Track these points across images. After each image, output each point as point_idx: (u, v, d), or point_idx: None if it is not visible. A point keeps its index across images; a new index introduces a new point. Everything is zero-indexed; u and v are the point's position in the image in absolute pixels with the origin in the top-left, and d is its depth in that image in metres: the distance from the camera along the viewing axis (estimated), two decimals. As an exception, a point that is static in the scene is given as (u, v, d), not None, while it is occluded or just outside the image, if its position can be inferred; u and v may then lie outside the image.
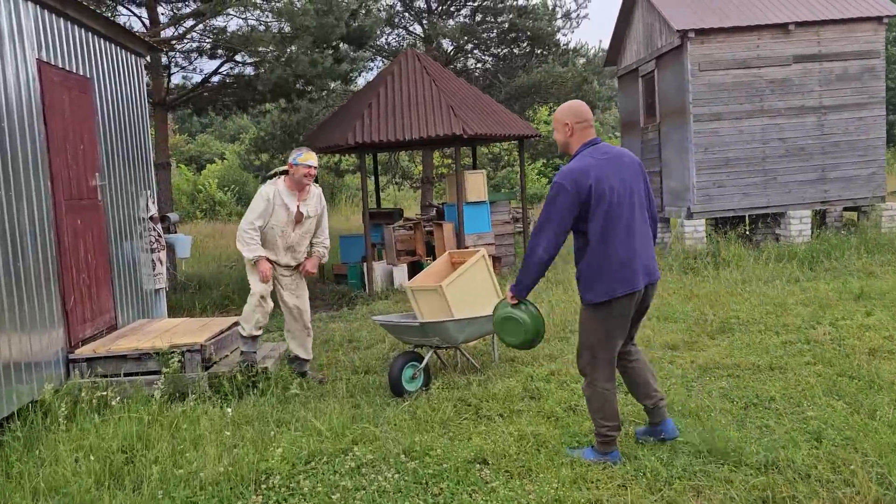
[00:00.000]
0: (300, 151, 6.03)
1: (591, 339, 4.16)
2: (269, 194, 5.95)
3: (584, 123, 4.14)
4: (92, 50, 6.76)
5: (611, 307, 4.07)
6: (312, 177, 6.06)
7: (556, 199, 3.95)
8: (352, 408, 5.46)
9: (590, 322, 4.15)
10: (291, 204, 6.05)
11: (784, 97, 11.67)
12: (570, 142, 4.17)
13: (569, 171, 3.99)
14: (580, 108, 4.17)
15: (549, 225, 3.96)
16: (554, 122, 4.22)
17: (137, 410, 5.21)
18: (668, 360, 6.21)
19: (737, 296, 8.39)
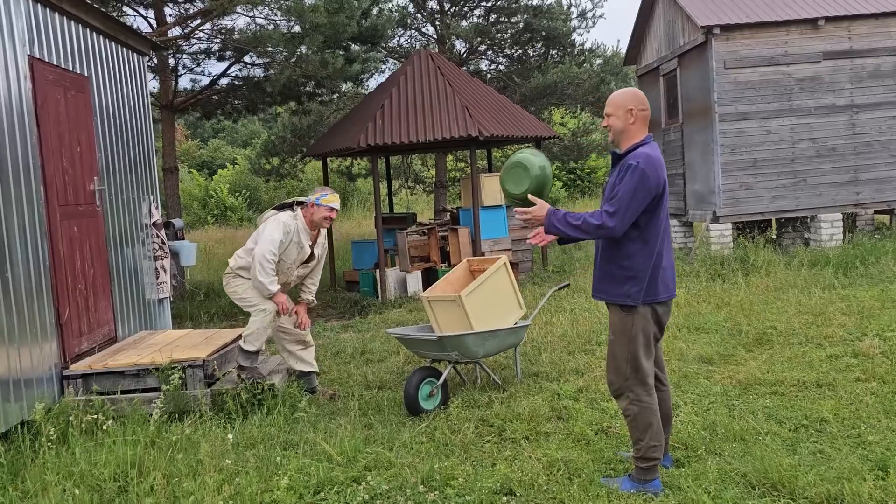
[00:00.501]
0: (324, 192, 5.67)
1: (634, 347, 3.81)
2: (290, 228, 5.58)
3: (646, 112, 3.84)
4: (90, 47, 6.41)
5: (655, 312, 3.81)
6: (332, 221, 5.73)
7: (640, 183, 3.64)
8: (364, 428, 5.06)
9: (632, 329, 3.80)
10: (306, 244, 5.72)
11: (814, 95, 11.20)
12: (629, 130, 3.81)
13: (648, 157, 3.69)
14: (643, 95, 3.90)
15: (633, 207, 3.64)
16: (611, 106, 3.83)
17: (134, 432, 4.83)
18: (704, 375, 5.78)
19: (771, 304, 7.94)
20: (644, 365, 3.82)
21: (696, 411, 4.93)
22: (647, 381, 3.85)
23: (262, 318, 5.54)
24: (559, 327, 7.55)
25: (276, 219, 5.59)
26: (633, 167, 3.67)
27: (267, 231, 5.53)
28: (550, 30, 17.81)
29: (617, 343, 3.87)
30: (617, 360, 3.87)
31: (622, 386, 3.87)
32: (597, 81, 17.49)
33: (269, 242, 5.47)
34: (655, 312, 3.83)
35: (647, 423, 3.83)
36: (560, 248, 14.90)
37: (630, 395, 3.85)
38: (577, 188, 30.55)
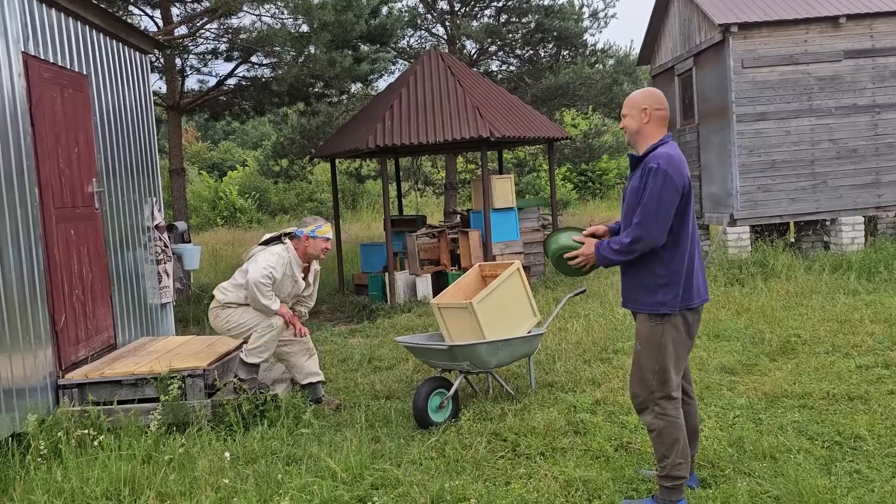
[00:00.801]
0: (318, 223, 5.46)
1: (663, 358, 3.59)
2: (284, 260, 5.36)
3: (663, 112, 3.66)
4: (89, 44, 6.21)
5: (685, 319, 3.60)
6: (328, 251, 5.54)
7: (665, 185, 3.45)
8: (371, 442, 4.83)
9: (661, 339, 3.59)
10: (299, 277, 5.53)
11: (834, 95, 10.89)
12: (644, 130, 3.64)
13: (668, 157, 3.49)
14: (660, 95, 3.70)
15: (663, 211, 3.46)
16: (627, 106, 3.68)
17: (130, 446, 4.61)
18: (727, 386, 5.51)
19: (793, 310, 7.65)
20: (672, 377, 3.60)
21: (721, 426, 4.67)
22: (673, 394, 3.63)
23: (270, 334, 5.33)
24: (573, 334, 7.29)
25: (268, 250, 5.38)
26: (655, 169, 3.47)
27: (260, 258, 5.32)
28: (562, 30, 17.57)
29: (644, 353, 3.65)
30: (643, 371, 3.65)
31: (647, 399, 3.64)
32: (609, 82, 17.24)
33: (263, 267, 5.25)
34: (686, 321, 3.61)
35: (674, 438, 3.60)
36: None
37: (655, 408, 3.62)
38: (587, 190, 30.27)
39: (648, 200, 3.47)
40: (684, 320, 3.60)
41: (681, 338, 3.61)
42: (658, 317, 3.58)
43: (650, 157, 3.54)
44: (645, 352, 3.64)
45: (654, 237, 3.47)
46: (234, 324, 5.39)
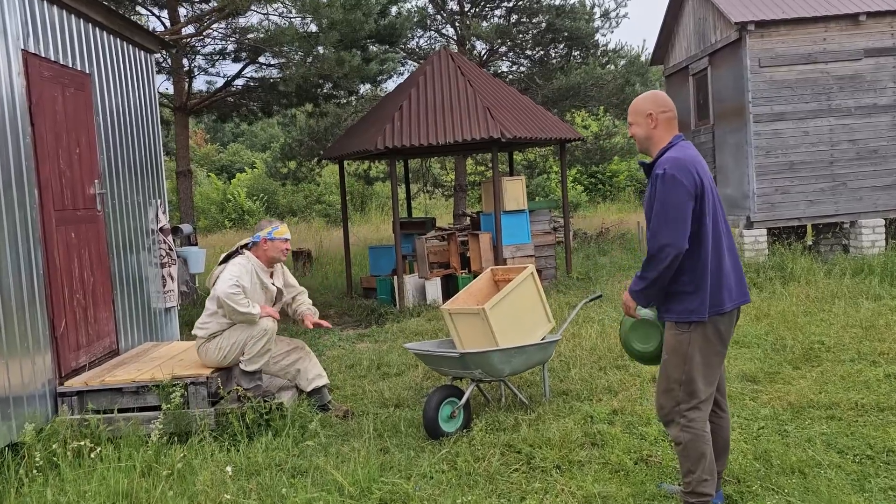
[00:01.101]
0: (273, 224, 5.31)
1: (690, 368, 3.42)
2: (248, 269, 5.19)
3: (669, 114, 3.53)
4: (91, 43, 6.07)
5: (716, 326, 3.41)
6: (289, 251, 5.36)
7: (672, 191, 3.30)
8: (380, 452, 4.65)
9: (688, 347, 3.42)
10: (268, 282, 5.35)
11: (854, 95, 10.64)
12: (653, 136, 3.53)
13: (674, 160, 3.35)
14: (663, 96, 3.57)
15: (674, 216, 3.30)
16: (631, 114, 3.57)
17: (130, 456, 4.45)
18: (749, 395, 5.30)
19: (814, 316, 7.42)
20: (700, 388, 3.43)
21: (746, 438, 4.47)
22: (706, 407, 3.46)
23: (264, 338, 5.13)
24: (588, 340, 7.09)
25: (228, 265, 5.20)
26: (660, 175, 3.35)
27: (224, 274, 5.13)
28: (573, 30, 17.36)
29: (670, 363, 3.48)
30: (669, 382, 3.47)
31: (672, 411, 3.47)
32: (621, 83, 17.00)
33: (228, 279, 5.06)
34: (717, 329, 3.42)
35: (700, 453, 3.42)
36: (584, 254, 14.42)
37: (681, 420, 3.44)
38: (598, 192, 30.01)
39: (659, 208, 3.34)
40: (714, 328, 3.42)
41: (710, 347, 3.43)
42: (685, 325, 3.41)
43: (657, 164, 3.45)
44: (671, 361, 3.47)
45: (674, 244, 3.30)
46: (227, 348, 5.19)
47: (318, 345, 8.40)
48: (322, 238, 20.14)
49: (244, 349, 5.15)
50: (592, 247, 15.37)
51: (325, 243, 18.90)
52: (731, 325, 3.51)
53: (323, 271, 14.47)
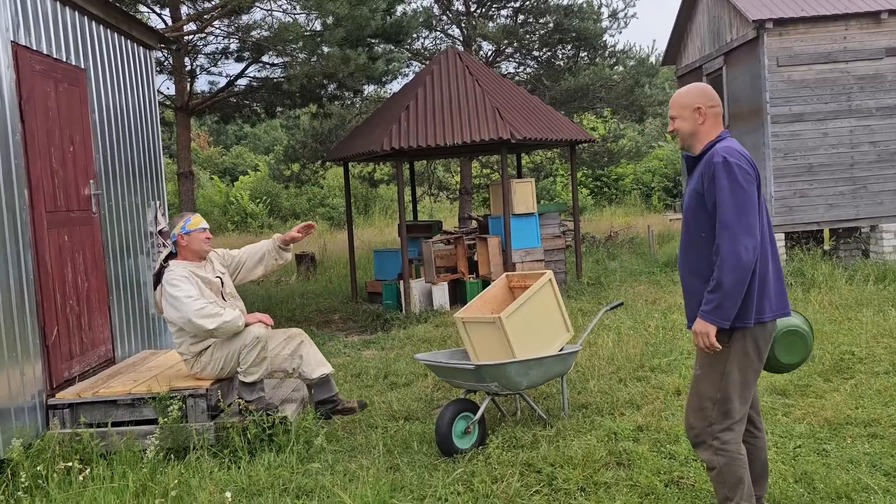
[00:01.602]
0: (184, 217, 4.96)
1: (726, 385, 3.11)
2: (184, 274, 4.80)
3: (718, 108, 3.24)
4: (87, 36, 5.79)
5: (755, 338, 3.11)
6: (211, 239, 5.02)
7: (738, 177, 2.99)
8: (389, 471, 4.36)
9: (725, 362, 3.11)
10: (209, 275, 4.97)
11: (875, 95, 10.33)
12: (700, 131, 3.23)
13: (729, 148, 3.07)
14: (711, 90, 3.28)
15: (745, 206, 2.98)
16: (676, 107, 3.25)
17: (123, 474, 4.16)
18: (781, 410, 4.99)
19: (841, 325, 7.11)
20: (736, 407, 3.13)
21: (783, 458, 4.17)
22: (740, 426, 3.16)
23: (259, 346, 4.76)
24: (604, 349, 6.79)
25: (165, 285, 4.79)
26: (722, 164, 3.03)
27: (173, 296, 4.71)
28: (581, 30, 17.06)
29: (704, 379, 3.17)
30: (702, 400, 3.17)
31: (704, 432, 3.16)
32: (631, 84, 16.71)
33: (183, 298, 4.66)
34: (755, 341, 3.12)
35: (738, 478, 3.12)
36: (593, 258, 14.12)
37: (714, 443, 3.13)
38: (603, 196, 29.71)
39: (725, 199, 2.99)
40: (754, 341, 3.11)
41: (749, 362, 3.13)
42: (723, 335, 3.08)
43: (711, 153, 3.12)
44: (705, 377, 3.17)
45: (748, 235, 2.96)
46: (222, 359, 4.84)
47: (322, 351, 8.08)
48: (326, 241, 19.87)
49: (239, 360, 4.81)
50: (601, 251, 15.07)
51: (328, 247, 18.63)
52: (770, 340, 3.21)
53: (327, 275, 14.19)
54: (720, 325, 3.01)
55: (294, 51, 10.23)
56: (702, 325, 3.04)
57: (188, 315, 4.63)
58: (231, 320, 4.67)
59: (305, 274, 14.46)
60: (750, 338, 3.11)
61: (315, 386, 5.14)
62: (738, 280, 2.95)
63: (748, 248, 2.95)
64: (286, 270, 15.74)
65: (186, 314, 4.63)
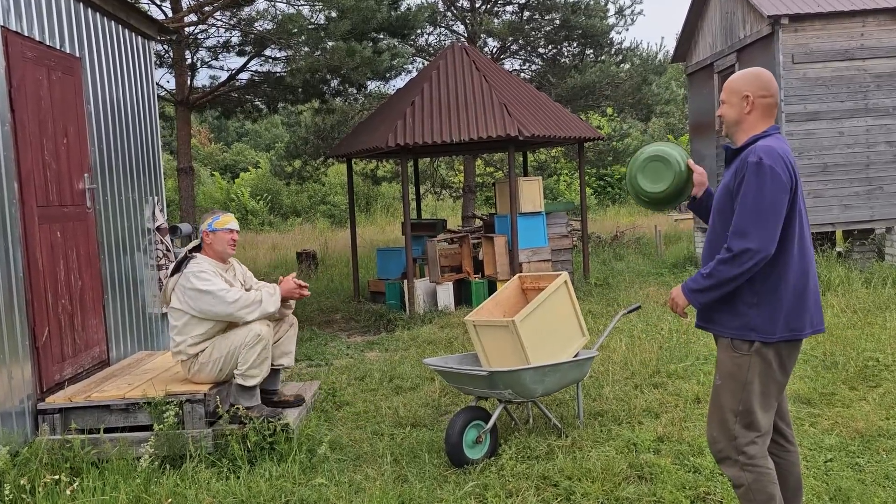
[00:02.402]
0: (215, 215, 4.72)
1: (748, 397, 2.91)
2: (211, 270, 4.60)
3: (770, 99, 2.98)
4: (83, 24, 5.55)
5: (779, 353, 2.90)
6: (237, 242, 4.78)
7: (768, 184, 2.79)
8: (397, 482, 4.13)
9: (747, 373, 2.90)
10: (233, 281, 4.77)
11: (892, 94, 10.07)
12: (745, 121, 2.99)
13: (769, 149, 2.83)
14: (767, 77, 3.01)
15: (767, 213, 2.80)
16: (726, 91, 3.03)
17: (115, 485, 3.92)
18: (808, 420, 4.76)
19: (862, 329, 6.87)
20: (760, 420, 2.91)
21: (815, 473, 3.93)
22: (765, 440, 2.94)
23: (259, 345, 4.52)
24: (618, 353, 6.55)
25: (185, 277, 4.55)
26: (755, 164, 2.81)
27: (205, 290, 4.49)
28: (588, 27, 16.83)
29: (725, 389, 2.96)
30: (723, 412, 2.95)
31: (727, 447, 2.94)
32: (638, 81, 16.46)
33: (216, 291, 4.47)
34: (780, 356, 2.90)
35: (768, 494, 2.89)
36: (600, 259, 13.89)
37: (740, 458, 2.91)
38: (607, 195, 29.45)
39: (746, 202, 2.81)
40: (778, 355, 2.89)
41: (771, 373, 2.90)
42: (745, 344, 2.88)
43: (749, 151, 2.89)
44: (726, 387, 2.95)
45: (763, 247, 2.77)
46: (220, 360, 4.59)
47: (324, 353, 7.88)
48: (327, 239, 19.64)
49: (238, 360, 4.57)
50: (608, 251, 14.84)
51: (330, 244, 18.39)
52: (797, 353, 2.97)
53: (328, 274, 13.96)
54: (693, 304, 3.00)
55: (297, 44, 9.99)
56: (679, 294, 3.05)
57: (227, 309, 4.47)
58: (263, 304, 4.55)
59: (306, 272, 14.23)
60: (773, 349, 2.88)
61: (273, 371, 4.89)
62: (729, 283, 2.85)
63: (754, 258, 2.79)
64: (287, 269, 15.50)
65: (225, 308, 4.48)
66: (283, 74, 11.47)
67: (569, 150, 18.94)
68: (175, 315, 4.65)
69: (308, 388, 5.56)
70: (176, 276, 4.66)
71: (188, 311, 4.57)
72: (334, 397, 5.82)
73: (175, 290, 4.62)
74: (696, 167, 3.31)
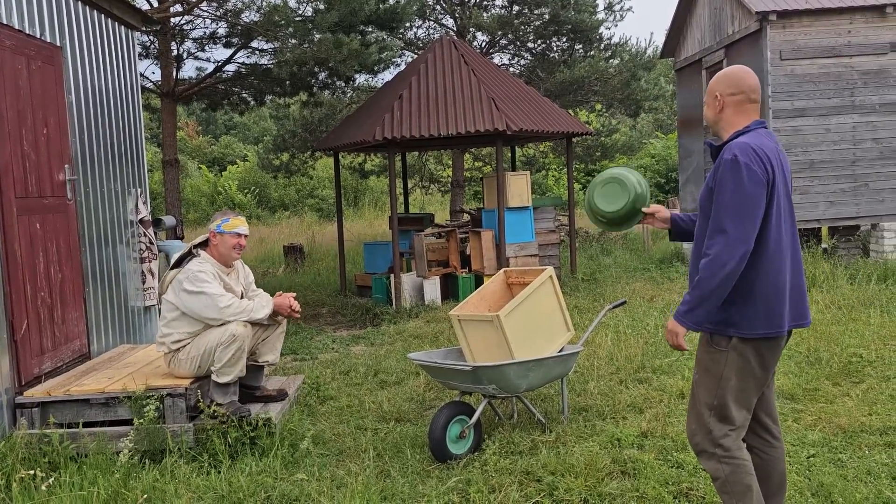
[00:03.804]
0: (225, 216, 4.65)
1: (723, 392, 2.91)
2: (211, 273, 4.56)
3: (741, 96, 2.97)
4: (64, 13, 5.47)
5: (758, 349, 2.89)
6: (243, 248, 4.71)
7: (742, 179, 2.78)
8: (380, 477, 4.10)
9: (723, 368, 2.91)
10: (234, 284, 4.74)
11: (879, 91, 10.12)
12: (721, 119, 3.02)
13: (743, 145, 2.83)
14: (738, 75, 3.00)
15: (743, 208, 2.78)
16: (706, 93, 3.09)
17: (94, 480, 3.87)
18: (791, 416, 4.77)
19: (845, 325, 6.90)
20: (734, 414, 2.92)
21: (797, 469, 3.94)
22: (741, 434, 2.94)
23: (234, 345, 4.46)
24: (603, 348, 6.55)
25: (185, 274, 4.51)
26: (729, 161, 2.82)
27: (202, 292, 4.45)
28: (577, 22, 16.81)
29: (701, 384, 2.98)
30: (699, 406, 2.96)
31: (704, 440, 2.95)
32: (627, 77, 16.46)
33: (211, 292, 4.45)
34: (759, 352, 2.89)
35: (745, 486, 2.90)
36: (587, 254, 13.90)
37: (717, 451, 2.91)
38: (596, 191, 29.47)
39: (722, 200, 2.81)
40: (757, 351, 2.88)
41: (749, 369, 2.90)
42: (723, 340, 2.88)
43: (725, 148, 2.90)
44: (702, 382, 2.97)
45: (738, 242, 2.76)
46: (199, 357, 4.55)
47: (310, 347, 7.84)
48: (314, 233, 19.56)
49: (214, 357, 4.51)
50: (595, 247, 14.86)
51: (317, 238, 18.32)
52: (779, 350, 2.96)
53: (315, 268, 13.90)
54: (690, 328, 2.89)
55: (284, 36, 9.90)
56: (672, 324, 2.94)
57: (217, 315, 4.46)
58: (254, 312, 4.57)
59: (293, 266, 14.16)
60: (751, 346, 2.87)
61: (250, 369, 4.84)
62: (717, 287, 2.80)
63: (735, 256, 2.76)
64: (273, 262, 15.43)
65: (215, 314, 4.47)
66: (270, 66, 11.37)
67: (557, 145, 18.93)
68: (167, 307, 4.61)
69: (292, 382, 5.52)
70: (176, 270, 4.62)
71: (180, 307, 4.53)
72: (318, 392, 5.79)
73: (172, 284, 4.58)
74: (650, 209, 3.39)
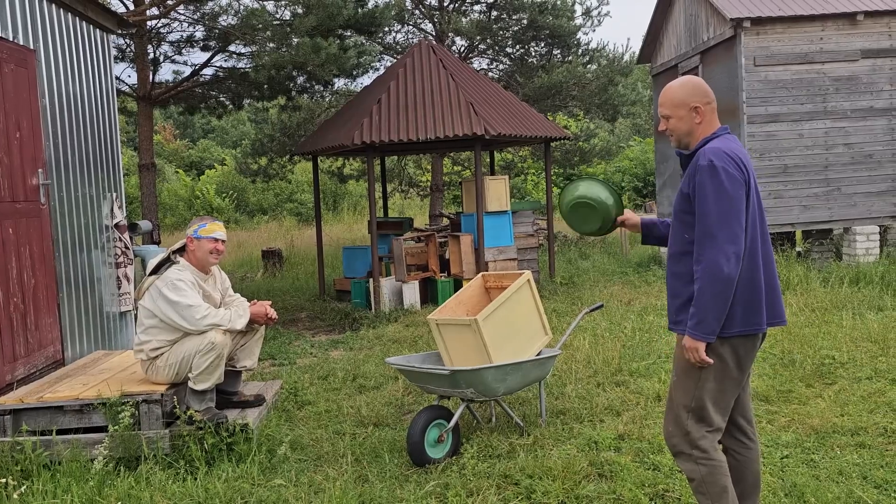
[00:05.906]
0: (202, 221, 4.61)
1: (700, 393, 2.94)
2: (190, 281, 4.52)
3: (714, 104, 3.04)
4: (38, 15, 5.41)
5: (734, 349, 2.93)
6: (221, 254, 4.66)
7: (724, 183, 2.80)
8: (358, 482, 4.10)
9: (700, 370, 2.93)
10: (212, 291, 4.71)
11: (850, 97, 10.30)
12: (696, 130, 3.02)
13: (716, 150, 2.86)
14: (702, 84, 3.07)
15: (730, 212, 2.80)
16: (668, 106, 3.03)
17: (68, 487, 3.83)
18: (765, 417, 4.83)
19: (819, 328, 7.00)
20: (712, 416, 2.95)
21: (771, 469, 3.99)
22: (710, 434, 2.97)
23: (211, 353, 4.43)
24: (581, 351, 6.59)
25: (164, 282, 4.46)
26: (707, 168, 2.84)
27: (178, 302, 4.41)
28: (555, 28, 16.93)
29: (679, 386, 3.01)
30: (677, 408, 2.99)
31: (681, 441, 2.99)
32: (605, 82, 16.59)
33: (186, 305, 4.40)
34: (735, 352, 2.92)
35: (721, 486, 2.94)
36: (566, 258, 13.97)
37: (694, 452, 2.95)
38: (574, 195, 29.60)
39: (705, 207, 2.82)
40: (733, 351, 2.91)
41: (726, 370, 2.93)
42: (716, 341, 2.89)
43: (698, 154, 2.93)
44: (680, 384, 3.00)
45: (730, 244, 2.78)
46: (177, 364, 4.51)
47: (288, 352, 7.81)
48: (293, 237, 19.48)
49: (192, 365, 4.48)
50: (574, 250, 14.94)
51: (296, 242, 18.25)
52: (754, 351, 3.00)
53: (294, 272, 13.84)
54: (706, 339, 2.84)
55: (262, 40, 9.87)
56: (689, 341, 2.88)
57: (194, 326, 4.43)
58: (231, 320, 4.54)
59: (272, 270, 14.09)
60: (729, 346, 2.91)
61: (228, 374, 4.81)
62: (719, 292, 2.80)
63: (730, 258, 2.78)
64: (252, 266, 15.34)
65: (192, 325, 4.44)
66: (247, 70, 11.33)
67: (536, 149, 19.03)
68: (145, 313, 4.56)
69: (269, 387, 5.49)
70: (154, 276, 4.57)
71: (158, 314, 4.49)
72: (296, 397, 5.76)
73: (150, 291, 4.53)
74: (623, 217, 3.53)
